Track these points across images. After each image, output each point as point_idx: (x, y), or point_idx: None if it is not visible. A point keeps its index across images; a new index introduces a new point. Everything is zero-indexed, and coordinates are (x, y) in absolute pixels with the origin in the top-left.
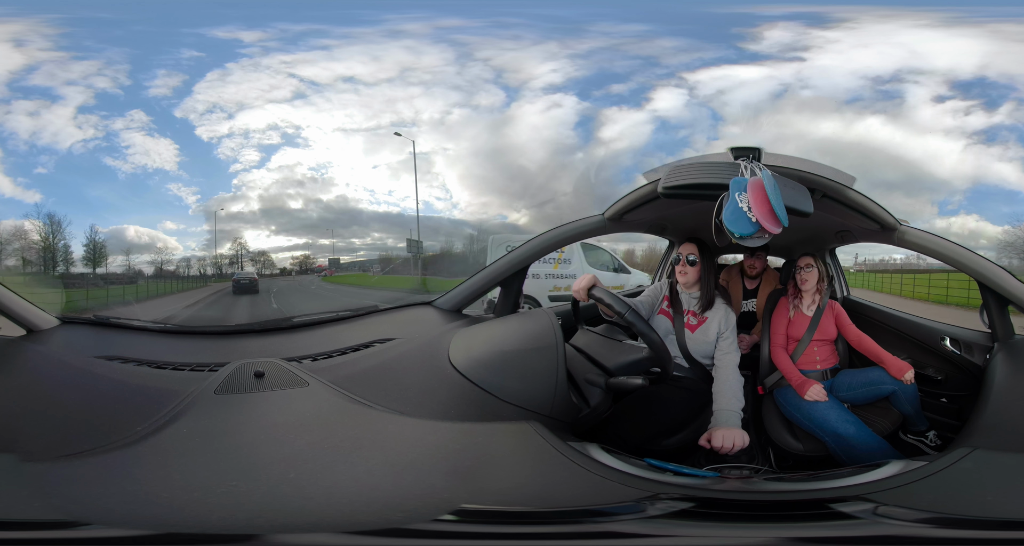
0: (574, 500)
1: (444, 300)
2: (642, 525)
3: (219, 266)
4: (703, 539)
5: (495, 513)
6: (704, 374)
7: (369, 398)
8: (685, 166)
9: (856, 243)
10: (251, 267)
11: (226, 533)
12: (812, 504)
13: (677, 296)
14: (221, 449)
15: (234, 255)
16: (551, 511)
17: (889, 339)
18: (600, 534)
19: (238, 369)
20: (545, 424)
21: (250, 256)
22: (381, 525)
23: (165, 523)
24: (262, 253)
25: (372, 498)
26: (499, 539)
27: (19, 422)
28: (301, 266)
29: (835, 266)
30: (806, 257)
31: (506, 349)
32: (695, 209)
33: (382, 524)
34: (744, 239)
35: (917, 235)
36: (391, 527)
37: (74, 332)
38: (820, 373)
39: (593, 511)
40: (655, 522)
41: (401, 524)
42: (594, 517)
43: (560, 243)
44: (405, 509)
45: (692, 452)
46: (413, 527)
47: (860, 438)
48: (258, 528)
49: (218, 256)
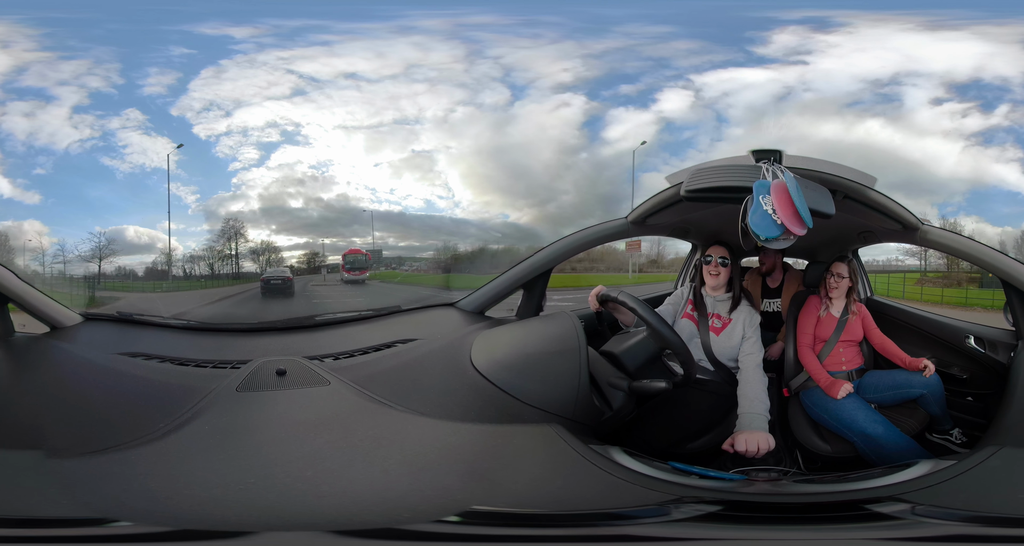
0: (594, 503)
1: (467, 302)
2: (666, 528)
3: (232, 263)
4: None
5: (506, 515)
6: (730, 376)
7: (390, 398)
8: (707, 169)
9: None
10: (246, 263)
11: (237, 530)
12: (847, 506)
13: (701, 299)
14: (241, 446)
15: (256, 252)
16: (565, 514)
17: (913, 339)
18: (617, 537)
19: (260, 367)
20: (567, 427)
21: (257, 249)
22: (387, 525)
23: (185, 520)
24: (270, 248)
25: (384, 498)
26: (507, 542)
27: (44, 419)
28: (309, 264)
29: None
30: (840, 264)
31: (528, 351)
32: (717, 212)
33: (388, 524)
34: (770, 241)
35: (940, 234)
36: (387, 527)
37: (97, 329)
38: (846, 374)
39: (612, 514)
40: (680, 525)
41: (403, 525)
42: (613, 520)
43: (583, 246)
44: (415, 509)
45: (717, 455)
46: (410, 528)
47: (889, 438)
48: (264, 526)
49: (220, 251)
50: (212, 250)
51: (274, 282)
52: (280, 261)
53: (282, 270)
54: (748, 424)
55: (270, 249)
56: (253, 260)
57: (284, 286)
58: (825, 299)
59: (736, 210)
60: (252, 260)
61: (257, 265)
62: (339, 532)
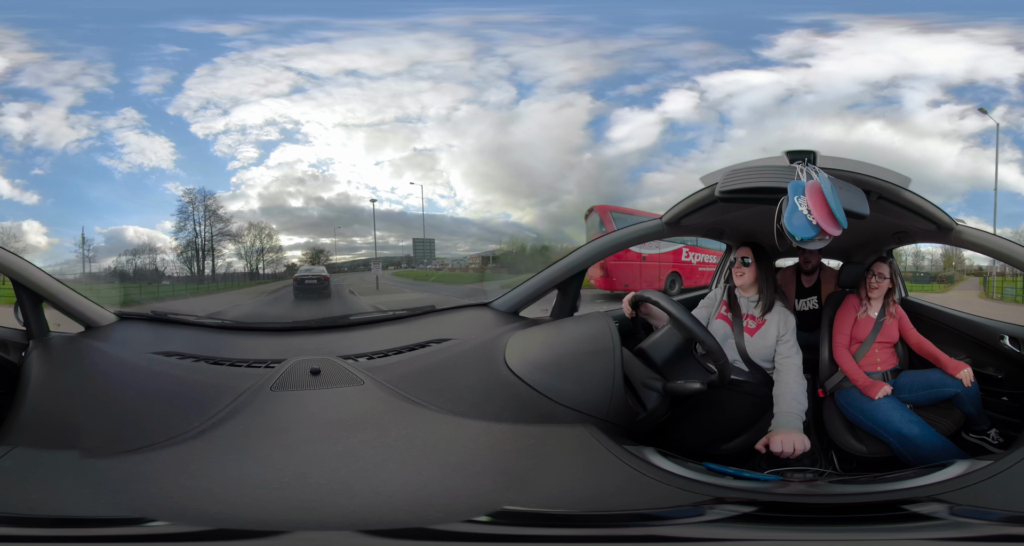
0: (627, 503)
1: (501, 302)
2: (700, 529)
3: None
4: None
5: (537, 515)
6: (765, 378)
7: (423, 398)
8: (742, 170)
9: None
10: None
11: (270, 529)
12: (885, 506)
13: (735, 300)
14: (276, 446)
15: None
16: (597, 514)
17: (948, 339)
18: (650, 538)
19: (294, 366)
20: (601, 427)
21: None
22: (418, 524)
23: (219, 519)
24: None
25: (416, 498)
26: (538, 542)
27: (80, 418)
28: (311, 262)
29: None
30: (882, 264)
31: (563, 352)
32: (752, 213)
33: (419, 524)
34: (805, 242)
35: (974, 234)
36: (418, 527)
37: (132, 328)
38: (881, 375)
39: (644, 515)
40: (714, 526)
41: (433, 524)
42: (646, 521)
43: (618, 247)
44: (447, 510)
45: (752, 456)
46: (440, 528)
47: (925, 438)
48: (297, 526)
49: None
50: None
51: (308, 282)
52: (280, 260)
53: (318, 269)
54: (783, 424)
55: (273, 248)
56: (240, 255)
57: (320, 286)
58: (864, 300)
59: (770, 211)
60: (239, 255)
61: (247, 264)
62: (370, 532)
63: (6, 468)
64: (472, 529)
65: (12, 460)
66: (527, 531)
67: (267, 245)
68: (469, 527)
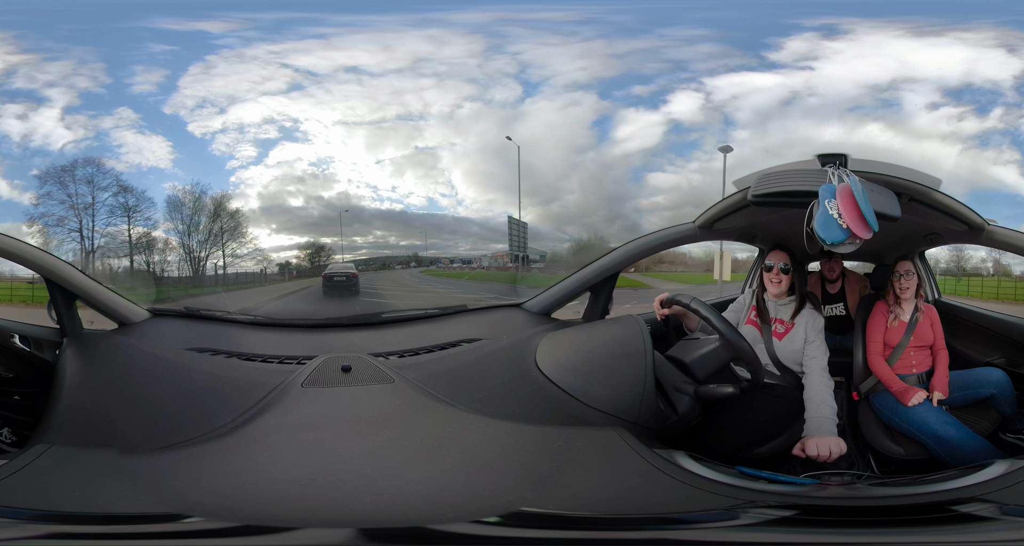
0: (655, 507)
1: (533, 303)
2: (734, 533)
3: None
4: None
5: (552, 517)
6: (796, 380)
7: (453, 397)
8: (774, 174)
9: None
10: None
11: (294, 526)
12: (931, 508)
13: (763, 305)
14: (305, 442)
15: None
16: (616, 517)
17: (983, 339)
18: (675, 542)
19: (326, 363)
20: (631, 430)
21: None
22: (428, 523)
23: (250, 516)
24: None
25: (437, 497)
26: (545, 545)
27: (115, 415)
28: (311, 262)
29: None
30: (905, 262)
31: (594, 355)
32: (784, 216)
33: (428, 523)
34: (836, 246)
35: (1006, 234)
36: (417, 527)
37: (164, 324)
38: (916, 377)
39: (669, 518)
40: (750, 530)
41: (434, 524)
42: (670, 524)
43: (651, 250)
44: (464, 510)
45: (787, 461)
46: (436, 528)
47: (962, 439)
48: (320, 523)
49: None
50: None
51: (338, 279)
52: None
53: (347, 266)
54: (817, 428)
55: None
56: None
57: (349, 283)
58: (894, 306)
59: (803, 215)
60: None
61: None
62: (371, 531)
63: (45, 466)
64: (476, 530)
65: (50, 458)
66: (536, 534)
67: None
68: (474, 528)
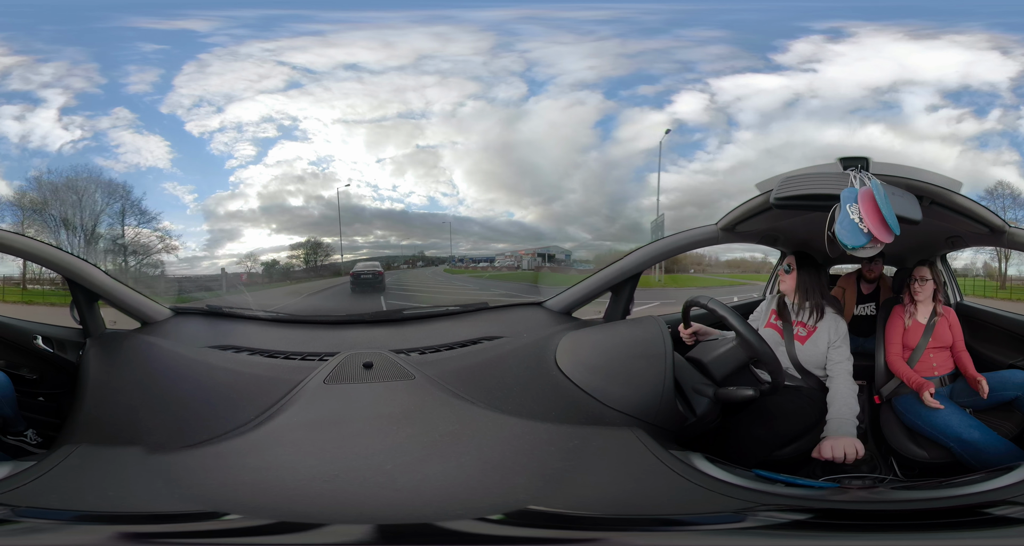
0: (665, 508)
1: (555, 302)
2: (738, 537)
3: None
4: None
5: (558, 516)
6: (818, 384)
7: (472, 395)
8: (796, 177)
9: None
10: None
11: (316, 522)
12: (960, 511)
13: (785, 308)
14: (328, 439)
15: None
16: (621, 518)
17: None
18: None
19: (348, 359)
20: (648, 431)
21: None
22: (433, 520)
23: (275, 512)
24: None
25: (452, 493)
26: (552, 544)
27: (140, 414)
28: (307, 262)
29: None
30: (921, 268)
31: (614, 354)
32: (806, 219)
33: (434, 520)
34: (856, 250)
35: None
36: (421, 523)
37: (187, 322)
38: (938, 379)
39: (672, 520)
40: (755, 534)
41: (438, 521)
42: (674, 526)
43: (673, 252)
44: (474, 507)
45: (806, 464)
46: (442, 526)
47: (987, 442)
48: (341, 519)
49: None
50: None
51: (365, 276)
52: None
53: (373, 264)
54: (835, 430)
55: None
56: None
57: (375, 280)
58: (910, 306)
59: (824, 218)
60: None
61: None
62: (379, 526)
63: (74, 467)
64: (480, 528)
65: (79, 458)
66: (536, 534)
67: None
68: (477, 526)
